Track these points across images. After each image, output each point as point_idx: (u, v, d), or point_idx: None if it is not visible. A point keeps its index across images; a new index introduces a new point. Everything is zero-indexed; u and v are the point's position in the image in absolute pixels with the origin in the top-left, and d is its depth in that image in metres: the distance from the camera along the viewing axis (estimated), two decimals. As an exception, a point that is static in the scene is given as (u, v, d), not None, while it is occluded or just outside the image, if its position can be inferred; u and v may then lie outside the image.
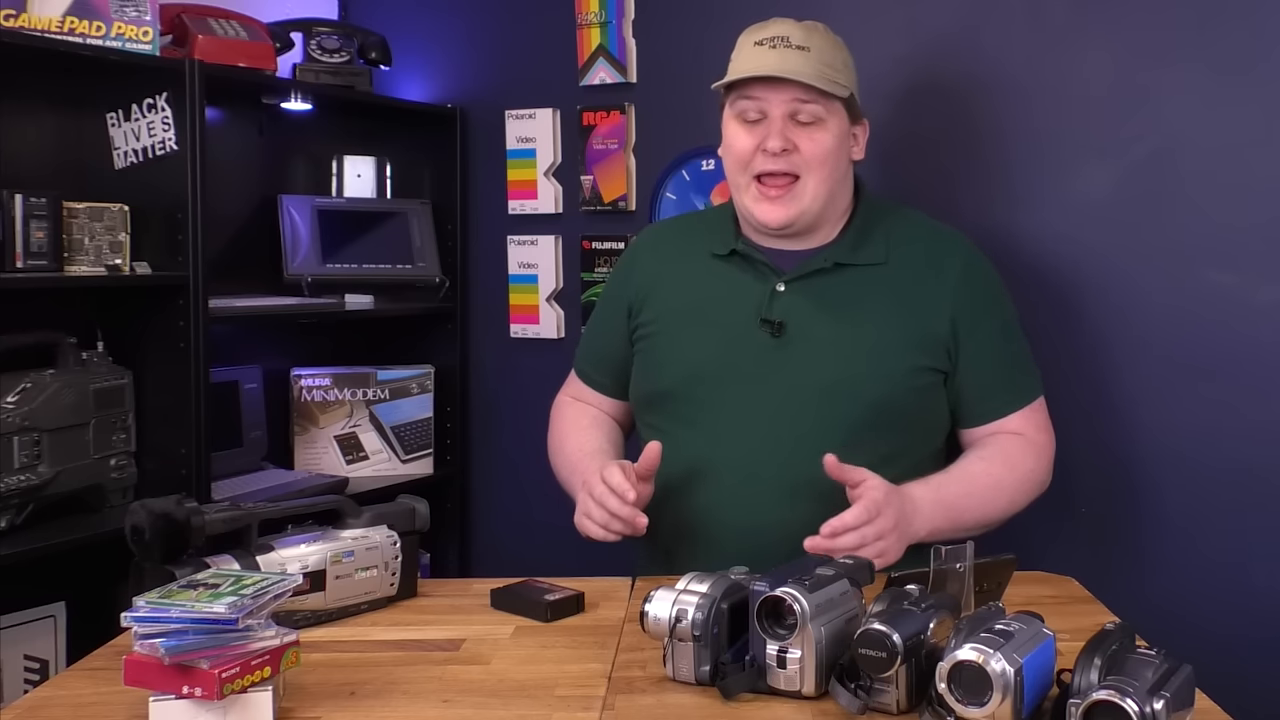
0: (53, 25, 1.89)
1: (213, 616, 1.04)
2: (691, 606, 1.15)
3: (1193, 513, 1.94)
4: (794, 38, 1.63)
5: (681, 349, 1.71)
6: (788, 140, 1.62)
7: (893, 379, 1.64)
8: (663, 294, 1.76)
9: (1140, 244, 1.97)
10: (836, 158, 1.66)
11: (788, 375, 1.64)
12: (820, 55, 1.63)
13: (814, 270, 1.68)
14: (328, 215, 2.50)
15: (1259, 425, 1.89)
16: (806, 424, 1.61)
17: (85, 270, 1.97)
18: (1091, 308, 2.00)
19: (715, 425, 1.65)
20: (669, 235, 1.88)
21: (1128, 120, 1.97)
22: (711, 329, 1.69)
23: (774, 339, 1.65)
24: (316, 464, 2.50)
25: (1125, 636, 1.04)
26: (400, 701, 1.16)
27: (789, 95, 1.62)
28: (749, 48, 1.66)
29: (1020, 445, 1.69)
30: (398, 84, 2.64)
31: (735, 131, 1.67)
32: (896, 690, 1.08)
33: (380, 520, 1.43)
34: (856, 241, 1.70)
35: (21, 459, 1.84)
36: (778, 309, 1.67)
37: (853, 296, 1.67)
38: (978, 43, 2.08)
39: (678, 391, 1.69)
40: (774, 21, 1.67)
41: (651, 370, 1.74)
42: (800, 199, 1.64)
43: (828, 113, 1.64)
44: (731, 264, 1.73)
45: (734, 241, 1.72)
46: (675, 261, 1.79)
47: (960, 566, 1.25)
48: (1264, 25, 1.87)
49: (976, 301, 1.69)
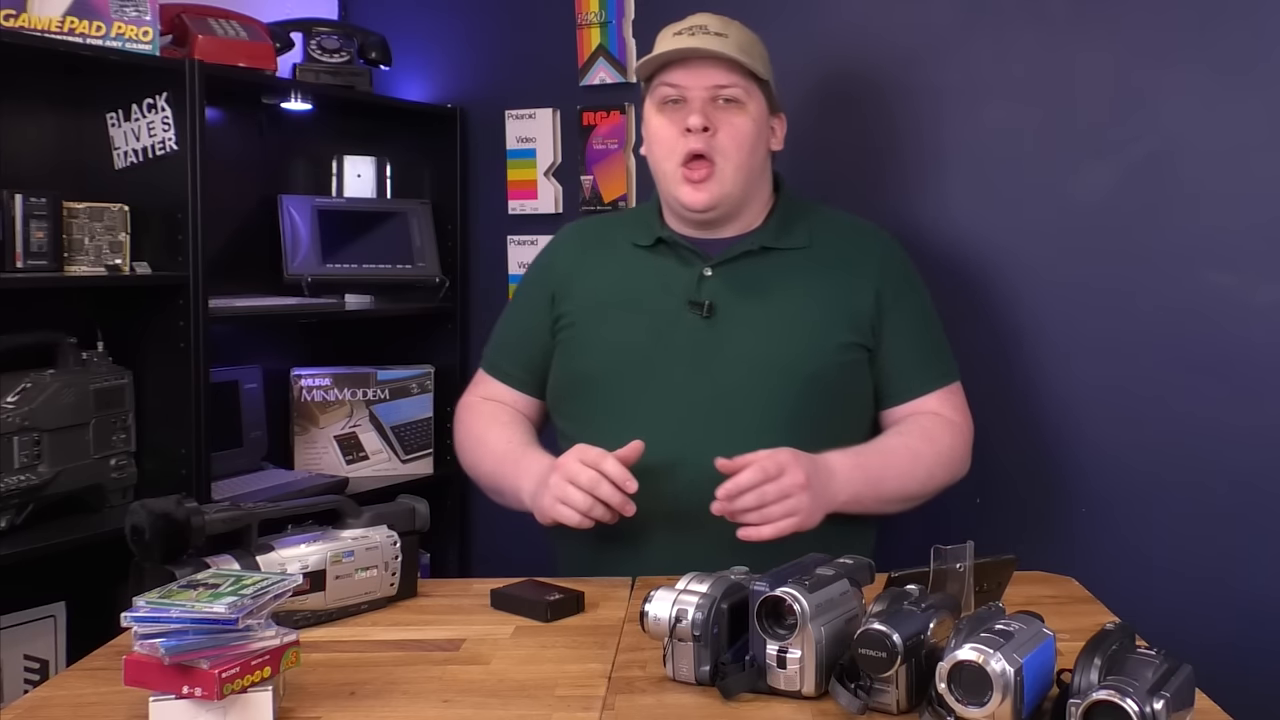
0: (53, 25, 1.89)
1: (213, 616, 1.04)
2: (691, 606, 1.15)
3: (1193, 513, 1.94)
4: (712, 26, 1.68)
5: (608, 333, 1.72)
6: (709, 119, 1.66)
7: (822, 354, 1.68)
8: (586, 284, 1.77)
9: (1139, 244, 1.97)
10: (755, 143, 1.70)
11: (718, 355, 1.66)
12: (737, 42, 1.68)
13: (740, 254, 1.72)
14: (328, 215, 2.50)
15: (1259, 425, 1.89)
16: (738, 402, 1.64)
17: (85, 270, 1.97)
18: (1091, 307, 2.00)
19: (644, 410, 1.65)
20: (590, 229, 1.90)
21: (1127, 121, 1.97)
22: (639, 315, 1.71)
23: (703, 321, 1.67)
24: (316, 464, 2.50)
25: (1125, 636, 1.04)
26: (400, 701, 1.16)
27: (708, 78, 1.67)
28: (668, 38, 1.70)
29: (937, 423, 1.73)
30: (398, 84, 2.64)
31: (657, 121, 1.71)
32: (896, 690, 1.08)
33: (380, 520, 1.43)
34: (779, 228, 1.75)
35: (21, 459, 1.84)
36: (705, 292, 1.69)
37: (779, 278, 1.71)
38: (977, 43, 2.08)
39: (603, 375, 1.69)
40: (693, 15, 1.71)
41: (575, 357, 1.74)
42: (721, 182, 1.68)
43: (747, 96, 1.68)
44: (656, 253, 1.76)
45: (659, 230, 1.75)
46: (598, 253, 1.80)
47: (960, 566, 1.25)
48: (1264, 26, 1.87)
49: (898, 282, 1.75)
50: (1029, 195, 2.05)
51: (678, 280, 1.72)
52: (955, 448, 1.74)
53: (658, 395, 1.66)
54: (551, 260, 1.85)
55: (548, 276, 1.82)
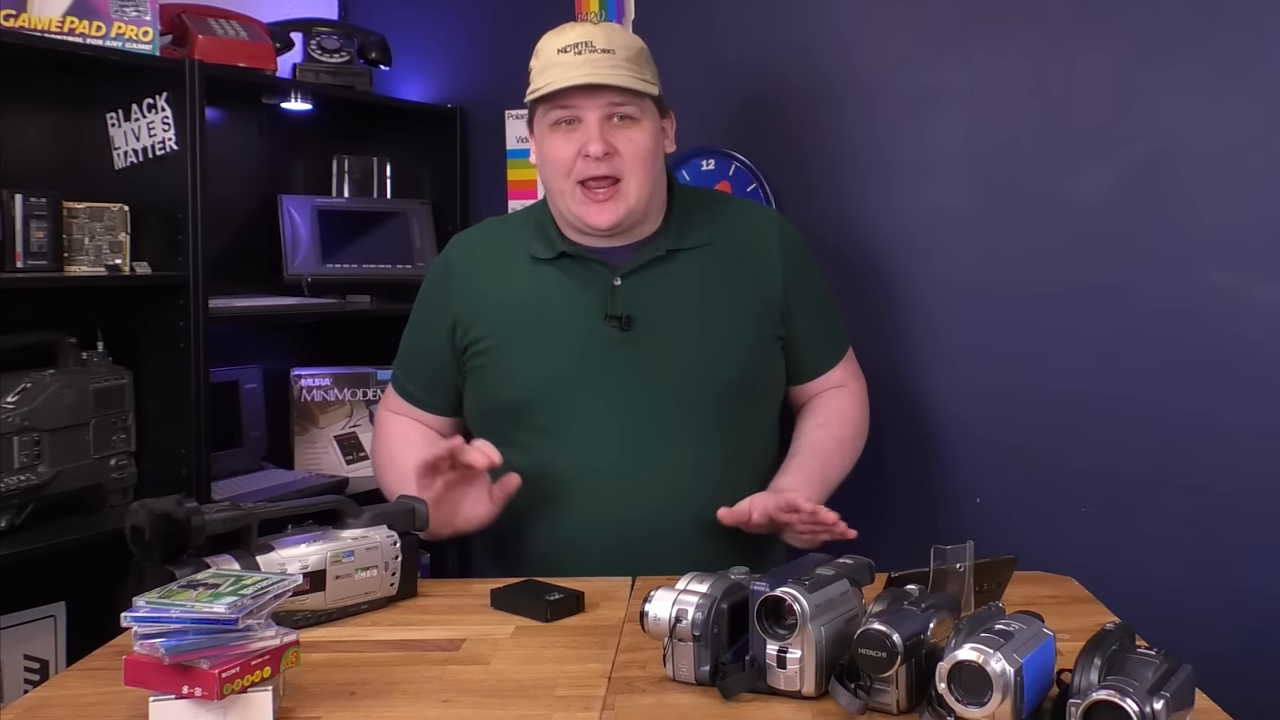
0: (53, 25, 1.89)
1: (213, 616, 1.04)
2: (691, 606, 1.15)
3: (1192, 512, 1.94)
4: (597, 41, 1.65)
5: (528, 358, 1.69)
6: (608, 144, 1.64)
7: (744, 353, 1.71)
8: (491, 306, 1.73)
9: (1139, 244, 1.97)
10: (654, 154, 1.69)
11: (644, 367, 1.67)
12: (626, 55, 1.65)
13: (648, 261, 1.71)
14: (328, 215, 2.50)
15: (1258, 424, 1.89)
16: (666, 411, 1.65)
17: (85, 270, 1.97)
18: (1090, 307, 2.00)
19: (577, 430, 1.66)
20: (482, 244, 1.82)
21: (1126, 120, 1.97)
22: (555, 334, 1.69)
23: (623, 334, 1.67)
24: (316, 464, 2.50)
25: (1125, 636, 1.04)
26: (400, 701, 1.16)
27: (603, 100, 1.64)
28: (552, 55, 1.66)
29: (845, 398, 1.81)
30: (398, 84, 2.64)
31: (552, 142, 1.67)
32: (896, 690, 1.08)
33: (380, 520, 1.43)
34: (680, 228, 1.74)
35: (21, 459, 1.84)
36: (620, 303, 1.68)
37: (689, 280, 1.71)
38: (978, 43, 2.08)
39: (531, 401, 1.68)
40: (572, 26, 1.70)
41: (498, 383, 1.72)
42: (626, 198, 1.66)
43: (641, 111, 1.67)
44: (559, 267, 1.72)
45: (560, 244, 1.72)
46: (494, 272, 1.76)
47: (960, 566, 1.25)
48: (1263, 27, 1.87)
49: (800, 264, 1.78)
50: (1029, 195, 2.05)
51: (588, 294, 1.69)
52: (864, 416, 1.83)
53: (587, 413, 1.66)
54: (445, 287, 1.78)
55: (445, 304, 1.77)
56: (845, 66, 2.19)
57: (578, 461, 1.65)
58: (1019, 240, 2.06)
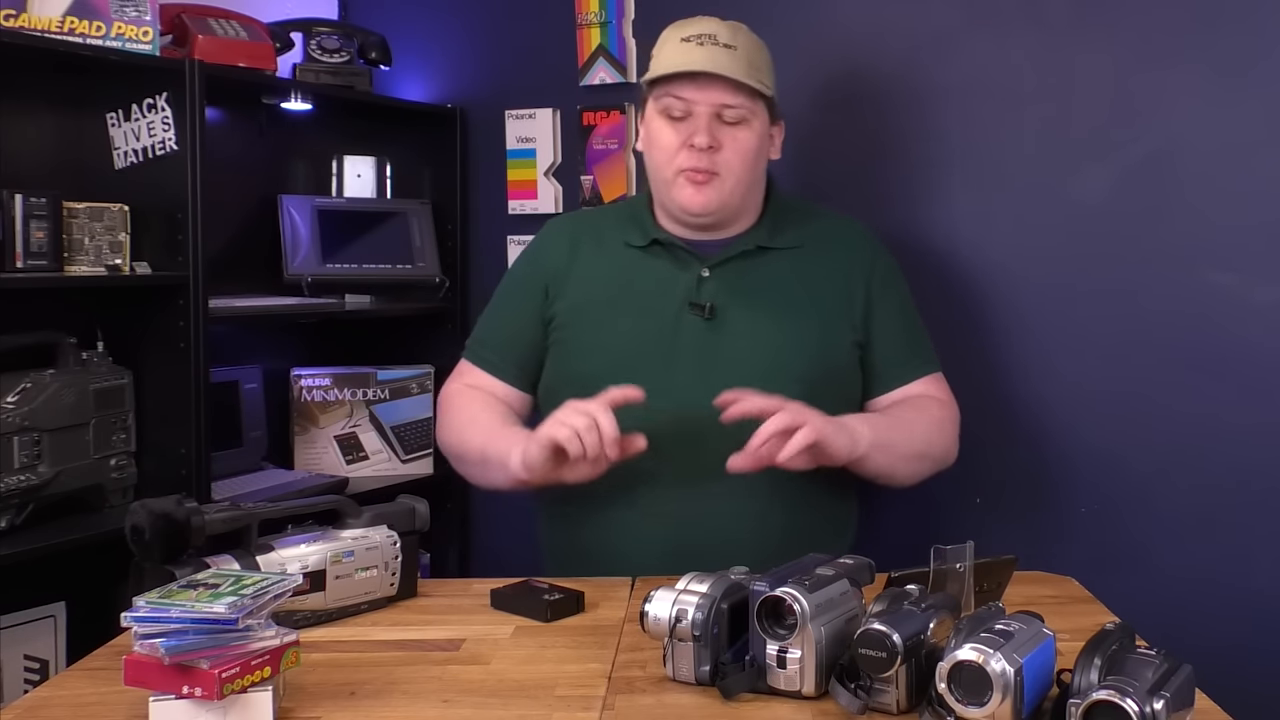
0: (53, 25, 1.89)
1: (213, 616, 1.04)
2: (691, 606, 1.15)
3: (1193, 512, 1.94)
4: (721, 36, 1.66)
5: (607, 335, 1.72)
6: (713, 138, 1.66)
7: (821, 355, 1.70)
8: (580, 283, 1.76)
9: (1140, 245, 1.97)
10: (757, 157, 1.71)
11: (720, 357, 1.67)
12: (746, 54, 1.67)
13: (737, 254, 1.73)
14: (328, 215, 2.50)
15: (1258, 425, 1.89)
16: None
17: (85, 270, 1.97)
18: (1090, 307, 2.00)
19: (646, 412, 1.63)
20: (580, 225, 1.87)
21: (1126, 121, 1.97)
22: (638, 316, 1.72)
23: (705, 322, 1.69)
24: (316, 464, 2.50)
25: (1125, 636, 1.04)
26: (400, 701, 1.16)
27: (716, 96, 1.66)
28: (675, 44, 1.69)
29: (925, 400, 1.77)
30: (398, 84, 2.64)
31: (660, 127, 1.70)
32: (896, 690, 1.08)
33: (380, 520, 1.43)
34: (773, 228, 1.77)
35: (21, 459, 1.84)
36: (705, 293, 1.70)
37: (775, 278, 1.73)
38: (977, 44, 2.08)
39: (604, 376, 1.66)
40: (700, 19, 1.70)
41: (576, 356, 1.73)
42: (721, 190, 1.68)
43: (752, 114, 1.68)
44: (651, 254, 1.76)
45: (654, 232, 1.75)
46: (590, 250, 1.79)
47: (960, 566, 1.25)
48: (1263, 26, 1.87)
49: (885, 274, 1.79)
50: (1029, 196, 2.05)
51: (676, 282, 1.72)
52: (946, 421, 1.77)
53: (660, 397, 1.65)
54: (542, 255, 1.83)
55: (539, 271, 1.81)
56: (844, 66, 2.18)
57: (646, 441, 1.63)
58: (1018, 241, 2.06)
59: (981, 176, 2.09)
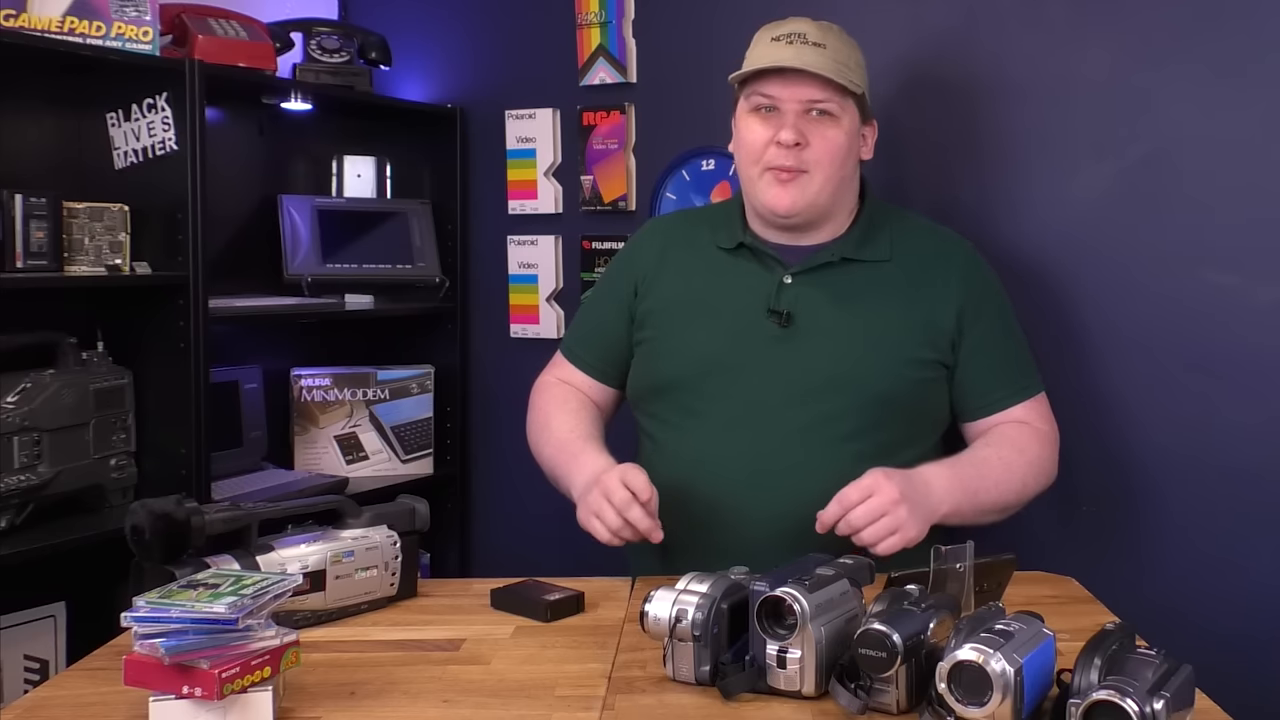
0: (53, 25, 1.89)
1: (213, 616, 1.04)
2: (691, 606, 1.15)
3: (1193, 512, 1.94)
4: (810, 35, 1.66)
5: (688, 340, 1.72)
6: (801, 134, 1.64)
7: (898, 371, 1.66)
8: (667, 283, 1.77)
9: (1139, 244, 1.97)
10: (846, 155, 1.69)
11: (794, 366, 1.66)
12: (835, 53, 1.66)
13: (821, 264, 1.70)
14: (328, 215, 2.50)
15: (1258, 424, 1.89)
16: (812, 415, 1.63)
17: (85, 270, 1.97)
18: (1090, 307, 2.00)
19: (721, 416, 1.66)
20: (674, 227, 1.88)
21: (1126, 120, 1.97)
22: (718, 320, 1.71)
23: (781, 330, 1.67)
24: (316, 464, 2.50)
25: (1125, 636, 1.04)
26: (400, 701, 1.16)
27: (804, 92, 1.64)
28: (766, 43, 1.68)
29: (1026, 432, 1.71)
30: (398, 84, 2.64)
31: (749, 124, 1.69)
32: (896, 690, 1.08)
33: (380, 520, 1.43)
34: (862, 239, 1.73)
35: (21, 459, 1.84)
36: (785, 300, 1.69)
37: (859, 290, 1.70)
38: (978, 42, 2.08)
39: (684, 382, 1.70)
40: (791, 20, 1.69)
41: (657, 360, 1.75)
42: (806, 190, 1.66)
43: (841, 110, 1.67)
44: (738, 257, 1.75)
45: (741, 235, 1.75)
46: (680, 252, 1.80)
47: (960, 566, 1.25)
48: (1263, 26, 1.87)
49: (981, 295, 1.73)
50: (1028, 195, 2.05)
51: (758, 286, 1.71)
52: (1043, 457, 1.72)
53: (735, 402, 1.66)
54: (635, 255, 1.84)
55: (631, 270, 1.82)
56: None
57: (716, 447, 1.65)
58: (1017, 241, 2.05)
59: (981, 176, 2.09)
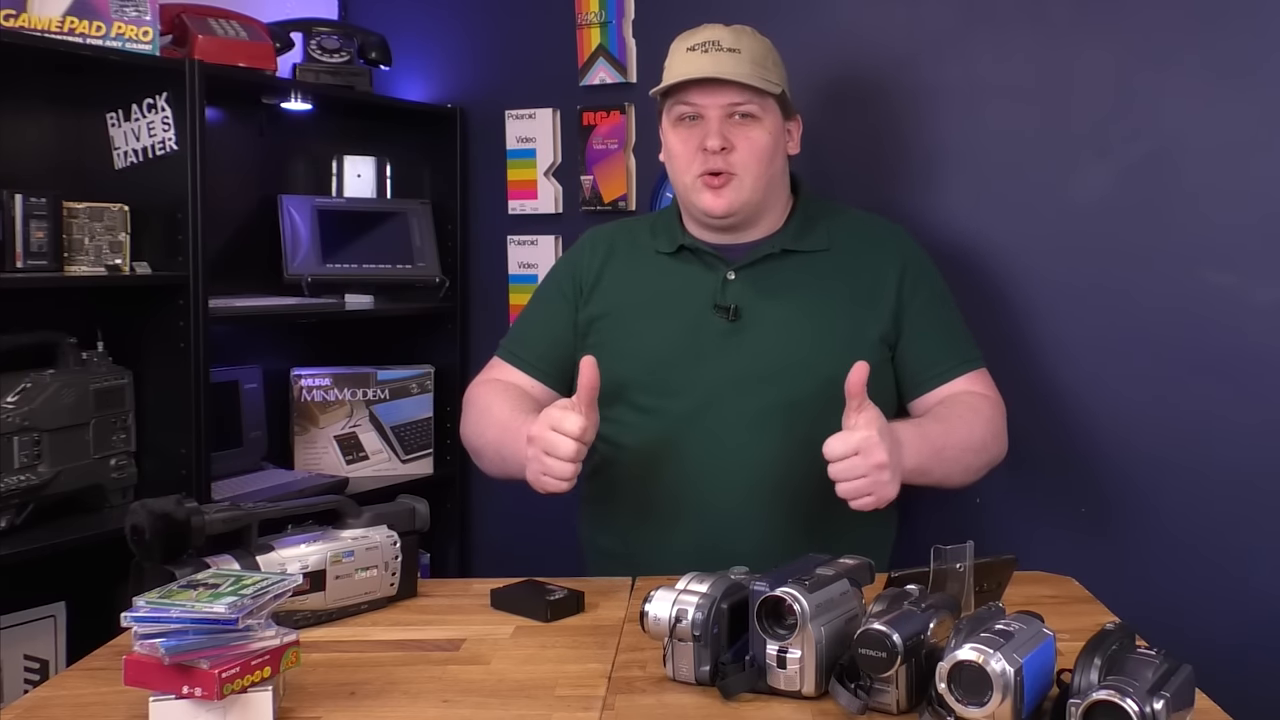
0: (53, 25, 1.89)
1: (213, 616, 1.04)
2: (691, 606, 1.15)
3: (1192, 512, 1.94)
4: (724, 41, 1.70)
5: (638, 341, 1.75)
6: (725, 139, 1.69)
7: (845, 355, 1.65)
8: (612, 289, 1.81)
9: (1138, 244, 1.97)
10: (772, 154, 1.73)
11: (744, 356, 1.70)
12: (751, 55, 1.70)
13: (762, 257, 1.75)
14: (328, 215, 2.50)
15: (1257, 425, 1.89)
16: (764, 401, 1.68)
17: (85, 270, 1.97)
18: (1090, 308, 2.00)
19: (675, 410, 1.70)
20: (614, 234, 1.90)
21: (1126, 120, 1.97)
22: (667, 320, 1.75)
23: (729, 324, 1.71)
24: (316, 464, 2.50)
25: (1125, 636, 1.04)
26: (400, 701, 1.16)
27: (724, 97, 1.69)
28: (682, 54, 1.72)
29: (975, 398, 1.75)
30: (398, 84, 2.64)
31: (675, 134, 1.74)
32: (896, 690, 1.08)
33: (380, 520, 1.43)
34: (800, 230, 1.78)
35: (21, 459, 1.84)
36: (730, 295, 1.73)
37: (801, 280, 1.75)
38: (978, 43, 2.08)
39: (638, 380, 1.73)
40: (704, 28, 1.73)
41: (607, 360, 1.71)
42: (740, 192, 1.71)
43: (762, 111, 1.71)
44: (679, 259, 1.79)
45: (681, 238, 1.79)
46: (623, 259, 1.84)
47: (960, 566, 1.25)
48: (1264, 27, 1.87)
49: (918, 271, 1.78)
50: (1028, 195, 2.05)
51: (702, 285, 1.75)
52: (998, 423, 1.75)
53: (688, 397, 1.70)
54: (578, 260, 1.87)
55: (574, 273, 1.85)
56: (842, 65, 2.18)
57: (673, 441, 1.69)
58: (1017, 241, 2.06)
59: (980, 175, 2.09)
